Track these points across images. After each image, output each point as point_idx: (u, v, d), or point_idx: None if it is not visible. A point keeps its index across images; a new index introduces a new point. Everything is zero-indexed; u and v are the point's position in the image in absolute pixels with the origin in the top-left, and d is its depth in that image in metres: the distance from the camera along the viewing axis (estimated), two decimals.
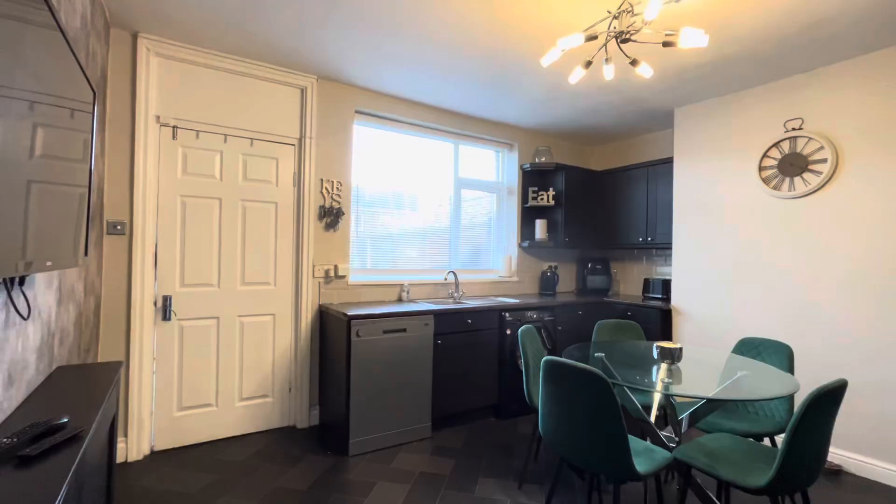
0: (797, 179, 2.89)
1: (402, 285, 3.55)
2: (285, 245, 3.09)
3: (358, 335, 2.70)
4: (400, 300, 3.49)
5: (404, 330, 2.88)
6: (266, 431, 3.01)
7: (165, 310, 2.67)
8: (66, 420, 1.08)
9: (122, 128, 2.55)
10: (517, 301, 3.60)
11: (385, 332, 2.80)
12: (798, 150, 2.89)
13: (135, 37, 2.55)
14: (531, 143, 4.41)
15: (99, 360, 2.49)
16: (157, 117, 2.65)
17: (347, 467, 2.54)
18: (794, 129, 2.93)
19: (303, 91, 3.13)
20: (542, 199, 4.25)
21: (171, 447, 2.71)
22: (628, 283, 4.54)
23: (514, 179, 4.32)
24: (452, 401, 3.14)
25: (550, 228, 4.29)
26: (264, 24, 2.43)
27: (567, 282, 4.73)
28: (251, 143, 2.97)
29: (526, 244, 4.25)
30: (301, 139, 3.13)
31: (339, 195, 3.27)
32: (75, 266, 1.46)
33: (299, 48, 2.70)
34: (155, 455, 2.62)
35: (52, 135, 1.16)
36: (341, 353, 2.77)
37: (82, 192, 1.51)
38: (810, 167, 2.83)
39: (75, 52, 1.30)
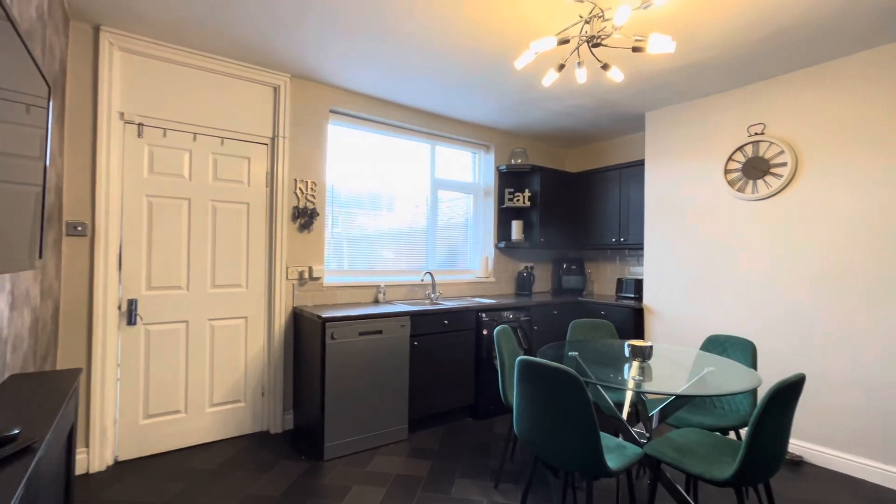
0: (760, 182, 3.01)
1: (378, 287, 3.52)
2: (258, 246, 3.03)
3: (333, 337, 2.66)
4: (376, 302, 3.46)
5: (380, 332, 2.85)
6: (238, 437, 2.93)
7: (130, 314, 2.57)
8: (16, 431, 1.03)
9: (83, 125, 2.44)
10: (494, 301, 3.62)
11: (361, 333, 2.78)
12: (760, 154, 3.00)
13: (97, 30, 2.45)
14: (507, 144, 4.44)
15: (58, 368, 2.38)
16: (121, 114, 2.56)
17: (322, 472, 2.50)
18: (756, 133, 3.04)
19: (276, 89, 3.07)
20: (518, 200, 4.29)
21: (136, 457, 2.61)
22: (602, 282, 4.63)
23: (490, 181, 4.35)
24: (429, 402, 3.13)
25: (526, 229, 4.34)
26: (235, 21, 2.37)
27: (543, 282, 4.78)
28: (222, 142, 2.89)
29: (502, 245, 4.28)
30: (274, 138, 3.07)
31: (313, 196, 3.22)
32: (29, 269, 1.39)
33: (272, 46, 2.65)
34: (119, 465, 2.52)
35: None
36: (316, 356, 2.72)
37: (37, 191, 1.44)
38: (772, 170, 2.95)
39: (27, 45, 1.24)
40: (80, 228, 2.42)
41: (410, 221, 3.88)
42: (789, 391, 1.60)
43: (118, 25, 2.44)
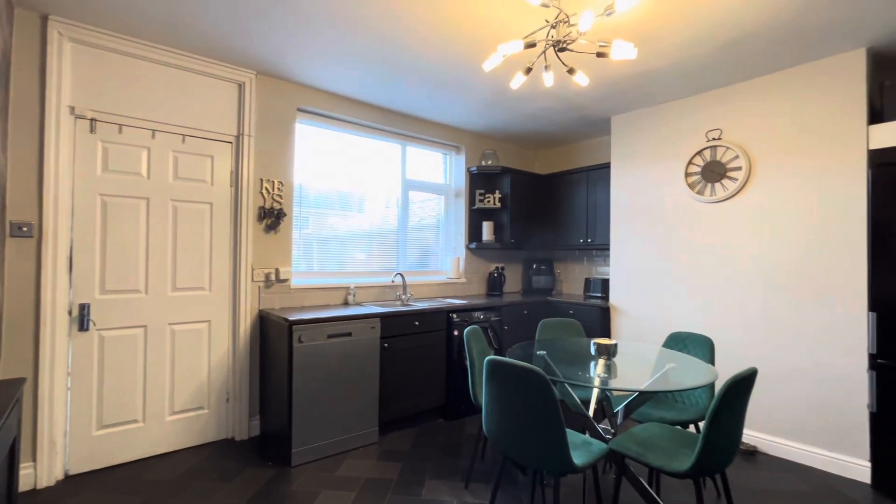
0: (717, 185, 3.14)
1: (348, 288, 3.47)
2: (221, 248, 2.93)
3: (300, 341, 2.60)
4: (346, 303, 3.41)
5: (349, 334, 2.82)
6: (201, 446, 2.83)
7: (82, 319, 2.44)
8: None
9: (30, 119, 2.30)
10: (464, 302, 3.63)
11: (329, 336, 2.73)
12: (718, 159, 3.14)
13: (44, 19, 2.32)
14: (478, 146, 4.48)
15: None
16: (72, 108, 2.42)
17: (290, 478, 2.44)
18: (714, 138, 3.18)
19: (241, 86, 2.98)
20: (488, 201, 4.32)
21: (89, 470, 2.47)
22: (571, 282, 4.73)
23: (461, 182, 4.37)
24: (400, 404, 3.11)
25: (497, 230, 4.38)
26: (196, 15, 2.29)
27: (513, 282, 4.84)
28: (183, 140, 2.79)
29: (473, 246, 4.31)
30: (239, 136, 2.98)
31: (280, 196, 3.15)
32: None
33: (236, 42, 2.57)
34: (70, 479, 2.39)
35: None
36: (283, 360, 2.66)
37: None
38: (728, 174, 3.09)
39: None
40: (25, 229, 2.27)
41: (381, 222, 3.85)
42: (742, 385, 1.67)
43: (68, 15, 2.31)
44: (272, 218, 3.09)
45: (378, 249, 3.82)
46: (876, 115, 2.64)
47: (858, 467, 2.50)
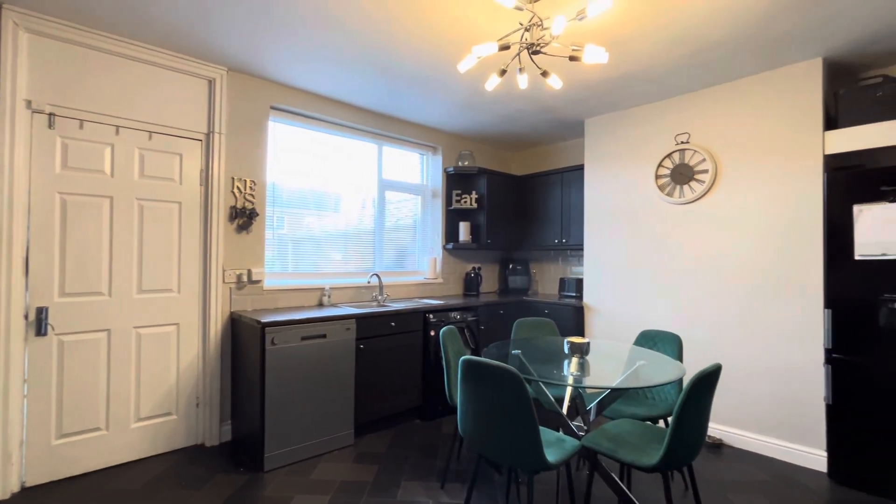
0: (686, 187, 3.24)
1: (323, 289, 3.42)
2: (191, 248, 2.85)
3: (273, 343, 2.56)
4: (321, 305, 3.36)
5: (324, 336, 2.78)
6: (169, 453, 2.74)
7: (40, 323, 2.32)
8: None
9: None
10: (441, 302, 3.64)
11: (303, 338, 2.69)
12: (686, 161, 3.24)
13: None
14: (455, 146, 4.49)
15: None
16: (28, 102, 2.31)
17: (262, 483, 2.39)
18: (682, 142, 3.28)
19: (211, 83, 2.91)
20: (465, 202, 4.34)
21: (48, 481, 2.36)
22: (546, 282, 4.80)
23: (438, 182, 4.37)
24: (376, 406, 3.09)
25: (474, 230, 4.40)
26: (162, 7, 2.21)
27: (490, 282, 4.88)
28: (149, 137, 2.69)
29: (450, 246, 4.32)
30: (209, 134, 2.91)
31: (252, 195, 3.08)
32: None
33: (206, 37, 2.51)
34: (27, 491, 2.27)
35: None
36: (255, 363, 2.60)
37: None
38: (696, 176, 3.19)
39: None
40: None
41: (357, 222, 3.81)
42: (707, 380, 1.73)
43: (24, 4, 2.20)
44: (244, 218, 3.02)
45: (354, 250, 3.78)
46: (831, 122, 2.77)
47: (816, 457, 2.63)
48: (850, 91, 2.59)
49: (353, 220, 3.79)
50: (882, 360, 2.36)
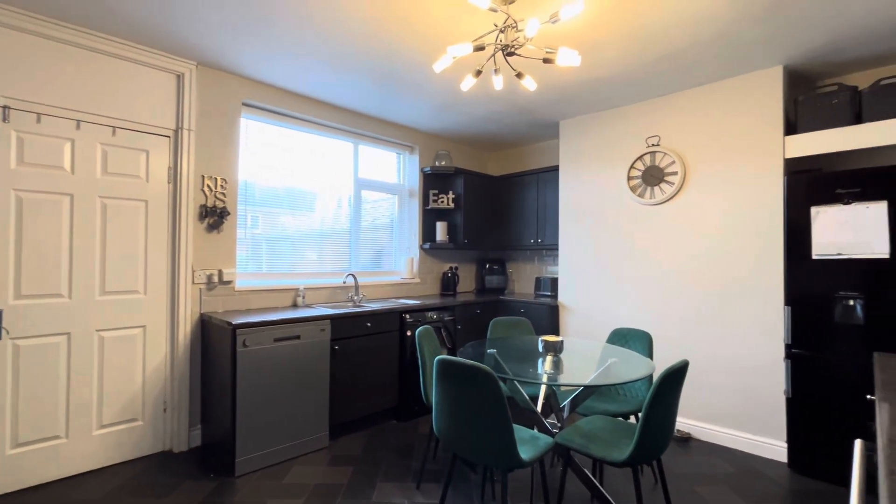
0: (656, 189, 3.33)
1: (297, 290, 3.37)
2: (158, 248, 2.76)
3: (245, 345, 2.50)
4: (295, 306, 3.31)
5: (298, 337, 2.73)
6: (135, 460, 2.64)
7: None
8: None
9: None
10: (418, 302, 3.63)
11: (276, 340, 2.64)
12: (656, 164, 3.33)
13: None
14: (432, 146, 4.49)
15: None
16: None
17: (233, 489, 2.33)
18: (653, 144, 3.37)
19: (179, 77, 2.82)
20: (442, 201, 4.35)
21: (3, 493, 2.24)
22: (522, 281, 4.85)
23: (415, 182, 4.36)
24: (352, 407, 3.06)
25: (451, 230, 4.41)
26: None
27: (467, 282, 4.89)
28: (113, 132, 2.59)
29: (427, 246, 4.31)
30: (178, 130, 2.82)
31: (223, 194, 3.00)
32: None
33: (174, 30, 2.43)
34: None
35: None
36: (226, 366, 2.54)
37: None
38: (666, 178, 3.28)
39: None
40: None
41: (333, 222, 3.77)
42: (675, 377, 1.78)
43: None
44: (215, 217, 2.94)
45: (329, 250, 3.74)
46: (791, 127, 2.90)
47: (777, 448, 2.74)
48: (808, 98, 2.71)
49: (329, 220, 3.74)
50: (837, 354, 2.48)
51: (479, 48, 1.99)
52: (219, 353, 2.64)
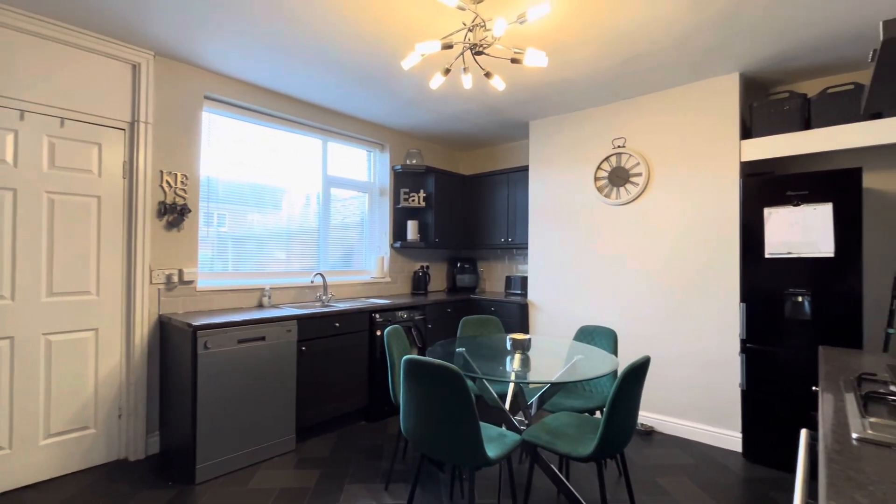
0: (622, 189, 3.42)
1: (263, 290, 3.28)
2: (112, 247, 2.62)
3: (206, 347, 2.41)
4: (261, 306, 3.22)
5: (263, 338, 2.66)
6: (87, 470, 2.51)
7: None
8: None
9: None
10: (388, 302, 3.60)
11: (240, 341, 2.56)
12: (622, 165, 3.42)
13: None
14: (403, 144, 4.45)
15: None
16: None
17: (193, 497, 2.25)
18: (619, 146, 3.46)
19: (135, 67, 2.69)
20: (413, 200, 4.32)
21: None
22: (493, 280, 4.88)
23: (385, 180, 4.32)
24: (320, 409, 3.00)
25: (422, 229, 4.40)
26: None
27: (438, 281, 4.89)
28: (61, 124, 2.45)
29: (398, 245, 4.28)
30: (133, 123, 2.69)
31: (184, 190, 2.88)
32: None
33: (128, 16, 2.31)
34: None
35: None
36: (186, 369, 2.44)
37: None
38: (631, 179, 3.37)
39: None
40: None
41: (301, 220, 3.68)
42: (637, 372, 1.83)
43: None
44: (174, 214, 2.82)
45: (298, 249, 3.65)
46: (747, 132, 3.03)
47: (733, 439, 2.87)
48: (762, 104, 2.84)
49: (297, 218, 3.65)
50: (787, 348, 2.61)
51: (448, 46, 1.99)
52: (178, 356, 2.54)
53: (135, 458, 2.65)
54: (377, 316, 3.36)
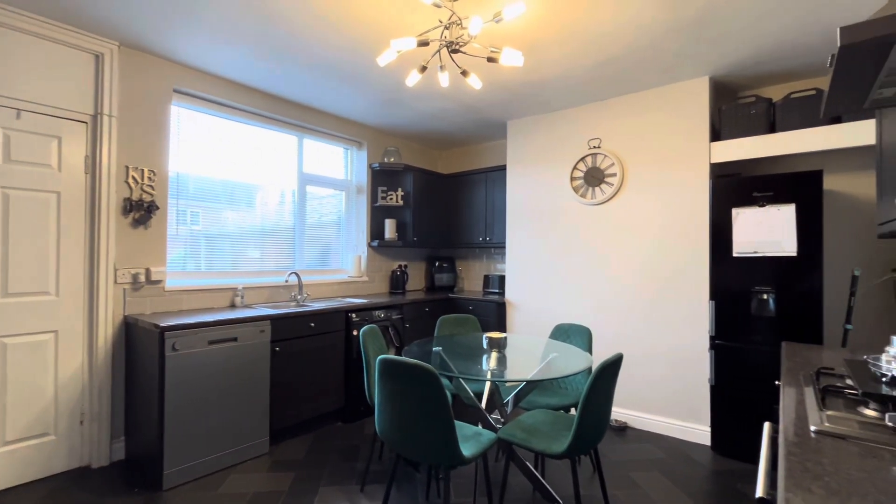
0: (597, 189, 3.47)
1: (235, 289, 3.20)
2: (73, 245, 2.51)
3: (175, 349, 2.33)
4: (233, 306, 3.14)
5: (235, 339, 2.59)
6: (46, 478, 2.39)
7: None
8: None
9: None
10: (365, 301, 3.56)
11: (211, 342, 2.49)
12: (597, 165, 3.47)
13: None
14: (380, 142, 4.41)
15: None
16: None
17: (160, 503, 2.18)
18: (594, 147, 3.51)
19: (98, 58, 2.58)
20: (391, 198, 4.29)
21: None
22: (471, 279, 4.89)
23: (363, 178, 4.27)
24: (294, 410, 2.95)
25: (400, 228, 4.37)
26: None
27: (417, 280, 4.87)
28: (18, 115, 2.33)
29: (376, 244, 4.25)
30: (97, 116, 2.58)
31: (151, 186, 2.78)
32: None
33: (90, 4, 2.21)
34: None
35: None
36: (153, 372, 2.36)
37: None
38: (606, 179, 3.43)
39: None
40: None
41: (276, 218, 3.61)
42: (610, 370, 1.86)
43: None
44: (141, 211, 2.72)
45: (272, 247, 3.58)
46: (716, 134, 3.12)
47: (702, 432, 2.95)
48: (730, 108, 2.93)
49: (272, 216, 3.58)
50: (753, 344, 2.70)
51: (424, 43, 1.97)
52: (145, 358, 2.45)
53: (98, 464, 2.54)
54: (353, 315, 3.32)
